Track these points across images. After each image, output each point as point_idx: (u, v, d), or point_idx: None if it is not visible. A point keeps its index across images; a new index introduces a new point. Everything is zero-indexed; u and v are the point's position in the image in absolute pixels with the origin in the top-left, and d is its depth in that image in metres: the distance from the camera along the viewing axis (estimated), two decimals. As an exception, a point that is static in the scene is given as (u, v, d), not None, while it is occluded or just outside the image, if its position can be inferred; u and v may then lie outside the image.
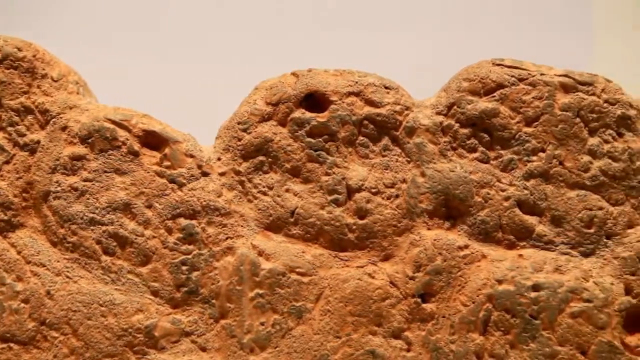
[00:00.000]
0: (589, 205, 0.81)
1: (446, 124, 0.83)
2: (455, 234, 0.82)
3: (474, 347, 0.80)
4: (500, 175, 0.82)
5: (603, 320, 0.80)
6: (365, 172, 0.82)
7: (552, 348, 0.79)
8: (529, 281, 0.80)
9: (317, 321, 0.80)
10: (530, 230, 0.82)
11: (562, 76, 0.83)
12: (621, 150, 0.82)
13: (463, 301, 0.81)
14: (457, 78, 0.84)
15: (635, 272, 0.81)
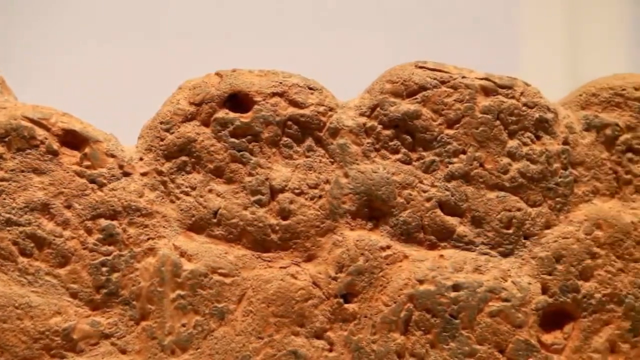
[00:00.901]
0: (508, 206, 0.74)
1: (369, 125, 0.75)
2: (378, 235, 0.74)
3: (395, 347, 0.72)
4: (422, 177, 0.75)
5: (520, 319, 0.73)
6: (288, 172, 0.74)
7: (471, 347, 0.72)
8: (449, 281, 0.73)
9: (239, 322, 0.72)
10: (451, 230, 0.74)
11: (483, 79, 0.75)
12: (539, 153, 0.75)
13: (385, 301, 0.73)
14: (380, 80, 0.76)
15: (552, 272, 0.74)
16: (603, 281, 0.72)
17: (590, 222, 0.73)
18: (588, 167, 0.74)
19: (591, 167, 0.74)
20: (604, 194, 0.74)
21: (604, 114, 0.75)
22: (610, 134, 0.74)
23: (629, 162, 0.74)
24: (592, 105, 0.75)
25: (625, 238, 0.73)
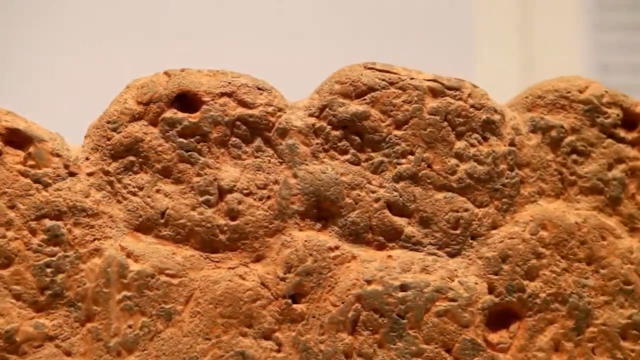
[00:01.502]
0: (456, 207, 0.70)
1: (318, 125, 0.70)
2: (327, 235, 0.69)
3: (343, 347, 0.67)
4: (371, 177, 0.70)
5: (467, 319, 0.68)
6: (237, 173, 0.68)
7: (418, 346, 0.68)
8: (397, 281, 0.68)
9: (186, 323, 0.66)
10: (399, 231, 0.69)
11: (431, 81, 0.71)
12: (486, 154, 0.70)
13: (333, 301, 0.68)
14: (329, 81, 0.70)
15: (498, 272, 0.70)
16: (548, 281, 0.68)
17: (536, 222, 0.69)
18: (534, 169, 0.70)
19: (537, 169, 0.70)
20: (549, 195, 0.70)
21: (549, 116, 0.70)
22: (556, 136, 0.70)
23: (574, 163, 0.70)
24: (538, 107, 0.71)
25: (570, 238, 0.69)
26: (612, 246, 0.69)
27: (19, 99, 0.72)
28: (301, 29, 1.06)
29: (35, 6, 1.08)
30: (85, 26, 1.01)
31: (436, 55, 1.21)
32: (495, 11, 1.44)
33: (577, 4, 1.55)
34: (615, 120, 0.70)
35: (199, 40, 1.00)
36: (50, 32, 1.06)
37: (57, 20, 1.08)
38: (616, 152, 0.70)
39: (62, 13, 1.07)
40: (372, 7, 1.14)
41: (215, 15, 1.05)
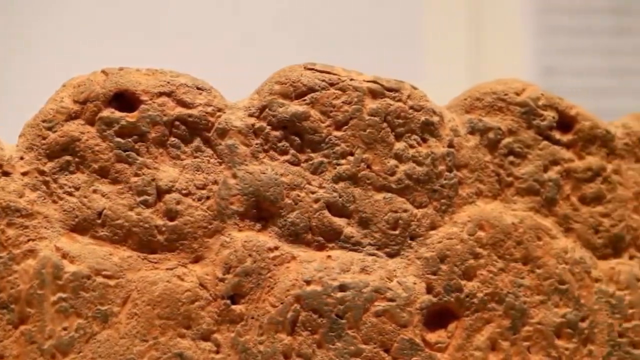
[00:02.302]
0: (395, 207, 0.69)
1: (258, 126, 0.69)
2: (266, 236, 0.68)
3: (282, 347, 0.66)
4: (311, 178, 0.69)
5: (405, 319, 0.68)
6: (176, 173, 0.67)
7: (356, 346, 0.67)
8: (336, 282, 0.67)
9: (123, 325, 0.64)
10: (338, 231, 0.68)
11: (371, 82, 0.70)
12: (425, 155, 0.70)
13: (272, 302, 0.67)
14: (269, 81, 0.69)
15: (437, 272, 0.69)
16: (485, 281, 0.68)
17: (474, 223, 0.68)
18: (472, 170, 0.70)
19: (475, 170, 0.70)
20: (486, 196, 0.70)
21: (487, 117, 0.70)
22: (493, 138, 0.70)
23: (511, 164, 0.70)
24: (476, 109, 0.71)
25: (506, 238, 0.68)
26: (548, 246, 0.69)
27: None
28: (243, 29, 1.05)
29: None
30: (17, 25, 0.98)
31: (384, 57, 1.21)
32: (443, 15, 1.45)
33: (523, 8, 1.56)
34: (551, 123, 0.70)
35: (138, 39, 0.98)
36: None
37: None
38: (552, 154, 0.70)
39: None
40: (316, 7, 1.14)
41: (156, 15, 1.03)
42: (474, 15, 1.51)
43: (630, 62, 1.68)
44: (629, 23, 1.66)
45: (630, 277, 0.69)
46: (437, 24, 1.41)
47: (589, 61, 1.66)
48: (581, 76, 1.65)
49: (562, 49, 1.65)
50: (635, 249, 0.70)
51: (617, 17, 1.66)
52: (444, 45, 1.44)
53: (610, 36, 1.66)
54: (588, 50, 1.65)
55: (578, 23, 1.65)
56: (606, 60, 1.66)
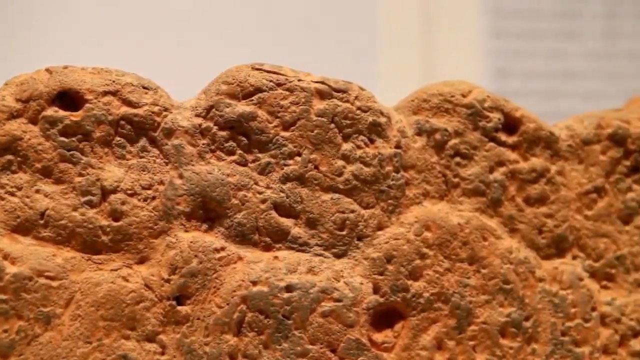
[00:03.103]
0: (342, 208, 0.69)
1: (205, 126, 0.67)
2: (213, 236, 0.67)
3: (228, 348, 0.65)
4: (258, 178, 0.68)
5: (352, 319, 0.67)
6: (121, 173, 0.65)
7: (303, 347, 0.66)
8: (283, 282, 0.67)
9: (66, 327, 0.63)
10: (286, 232, 0.67)
11: (319, 83, 0.69)
12: (372, 156, 0.70)
13: (218, 303, 0.66)
14: (216, 81, 0.68)
15: (383, 272, 0.69)
16: (431, 281, 0.68)
17: (420, 223, 0.68)
18: (419, 171, 0.69)
19: (422, 171, 0.69)
20: (433, 197, 0.69)
21: (434, 119, 0.70)
22: (440, 139, 0.69)
23: (457, 166, 0.70)
24: (423, 111, 0.70)
25: (452, 239, 0.68)
26: (493, 246, 0.69)
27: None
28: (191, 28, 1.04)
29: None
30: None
31: (338, 59, 1.21)
32: (397, 18, 1.45)
33: (475, 11, 1.57)
34: (496, 124, 0.70)
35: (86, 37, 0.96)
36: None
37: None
38: (497, 155, 0.70)
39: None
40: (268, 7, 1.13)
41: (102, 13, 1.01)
42: (427, 17, 1.52)
43: (579, 65, 1.70)
44: (578, 26, 1.68)
45: (573, 276, 0.70)
46: (390, 26, 1.41)
47: (539, 64, 1.67)
48: (532, 78, 1.67)
49: (513, 51, 1.66)
50: (578, 249, 0.71)
51: (567, 21, 1.67)
52: (397, 46, 1.44)
53: (559, 39, 1.68)
54: (538, 53, 1.67)
55: (529, 26, 1.66)
56: (556, 63, 1.68)
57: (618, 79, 1.66)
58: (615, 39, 1.69)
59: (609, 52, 1.69)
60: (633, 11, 1.69)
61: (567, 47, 1.68)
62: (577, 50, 1.68)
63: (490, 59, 1.63)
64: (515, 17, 1.66)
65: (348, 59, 1.23)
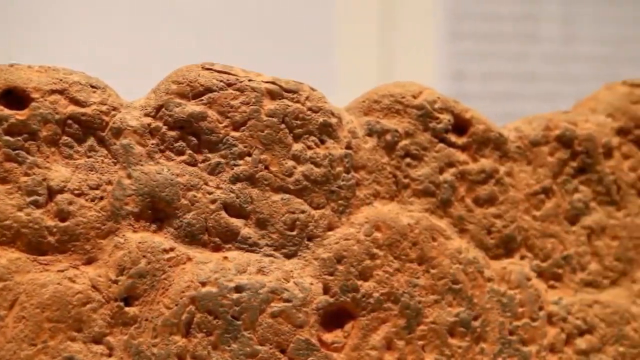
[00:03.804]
0: (292, 208, 0.69)
1: (154, 126, 0.67)
2: (162, 237, 0.66)
3: (176, 350, 0.65)
4: (208, 179, 0.67)
5: (301, 319, 0.67)
6: (68, 173, 0.65)
7: (252, 347, 0.66)
8: (232, 283, 0.66)
9: (10, 329, 0.62)
10: (235, 232, 0.67)
11: (269, 83, 0.69)
12: (323, 156, 0.70)
13: (166, 304, 0.66)
14: (166, 80, 0.67)
15: (333, 273, 0.69)
16: (381, 281, 0.68)
17: (370, 224, 0.68)
18: (369, 171, 0.69)
19: (372, 171, 0.69)
20: (383, 197, 0.70)
21: (385, 120, 0.70)
22: (391, 140, 0.70)
23: (407, 166, 0.70)
24: (374, 112, 0.70)
25: (402, 239, 0.69)
26: (442, 247, 0.69)
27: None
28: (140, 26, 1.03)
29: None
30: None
31: (296, 61, 1.21)
32: (356, 20, 1.45)
33: (433, 13, 1.58)
34: (446, 126, 0.70)
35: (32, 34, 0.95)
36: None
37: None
38: (447, 156, 0.70)
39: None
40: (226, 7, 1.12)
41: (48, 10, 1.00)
42: (387, 20, 1.52)
43: (536, 68, 1.72)
44: (536, 30, 1.70)
45: (521, 276, 0.70)
46: (349, 28, 1.41)
47: (497, 66, 1.69)
48: (490, 80, 1.69)
49: (471, 53, 1.67)
50: (526, 249, 0.71)
51: (524, 24, 1.69)
52: (357, 49, 1.45)
53: (517, 42, 1.70)
54: (496, 56, 1.68)
55: (487, 29, 1.68)
56: (514, 65, 1.70)
57: (574, 82, 1.68)
58: (572, 43, 1.71)
59: (566, 55, 1.71)
60: (589, 15, 1.72)
61: (525, 50, 1.70)
62: (535, 53, 1.70)
63: (449, 61, 1.64)
64: (474, 19, 1.67)
65: (306, 60, 1.23)
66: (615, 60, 1.66)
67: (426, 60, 1.60)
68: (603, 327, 0.70)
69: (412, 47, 1.56)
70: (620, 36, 1.66)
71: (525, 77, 1.71)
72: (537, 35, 1.70)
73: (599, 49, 1.69)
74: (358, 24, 1.41)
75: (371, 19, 1.45)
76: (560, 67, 1.71)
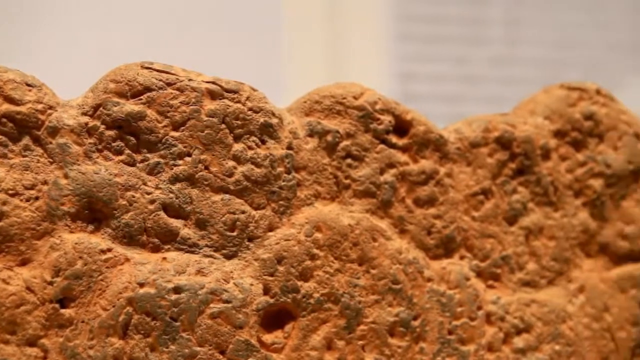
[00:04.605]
0: (233, 209, 0.68)
1: (92, 125, 0.66)
2: (99, 238, 0.65)
3: (113, 352, 0.64)
4: (147, 179, 0.66)
5: (241, 320, 0.67)
6: (2, 172, 0.63)
7: (191, 349, 0.65)
8: (171, 284, 0.65)
9: (-58, 332, 0.60)
10: (175, 233, 0.66)
11: (210, 83, 0.68)
12: (263, 157, 0.69)
13: (103, 305, 0.64)
14: (104, 79, 0.66)
15: (274, 273, 0.68)
16: (321, 281, 0.68)
17: (311, 224, 0.68)
18: (310, 172, 0.69)
19: (313, 172, 0.69)
20: (324, 198, 0.69)
21: (326, 120, 0.70)
22: (332, 140, 0.69)
23: (348, 167, 0.70)
24: (315, 112, 0.70)
25: (343, 240, 0.69)
26: (383, 247, 0.69)
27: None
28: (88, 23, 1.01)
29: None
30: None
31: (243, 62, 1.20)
32: (303, 20, 1.45)
33: (381, 15, 1.58)
34: (387, 127, 0.71)
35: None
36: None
37: None
38: (388, 157, 0.70)
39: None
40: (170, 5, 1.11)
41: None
42: (334, 21, 1.52)
43: (482, 70, 1.74)
44: (481, 32, 1.72)
45: (460, 276, 0.71)
46: (296, 29, 1.41)
47: (444, 68, 1.70)
48: (437, 82, 1.70)
49: (419, 55, 1.68)
50: (465, 249, 0.72)
51: (470, 27, 1.71)
52: (304, 50, 1.45)
53: (464, 44, 1.72)
54: (443, 58, 1.70)
55: (434, 31, 1.69)
56: (460, 67, 1.71)
57: (519, 84, 1.71)
58: (516, 45, 1.74)
59: (510, 58, 1.73)
60: (533, 19, 1.74)
61: (470, 53, 1.72)
62: (480, 55, 1.72)
63: (397, 63, 1.65)
64: (421, 21, 1.68)
65: (253, 61, 1.22)
66: (558, 63, 1.69)
67: (374, 62, 1.61)
68: (540, 325, 0.71)
69: (360, 48, 1.56)
70: (562, 40, 1.69)
71: (472, 79, 1.73)
72: (482, 38, 1.72)
73: (542, 52, 1.71)
74: (305, 25, 1.41)
75: (319, 21, 1.45)
76: (504, 70, 1.74)
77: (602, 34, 1.76)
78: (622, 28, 1.75)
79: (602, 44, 1.75)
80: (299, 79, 1.42)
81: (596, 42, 1.75)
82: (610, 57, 1.75)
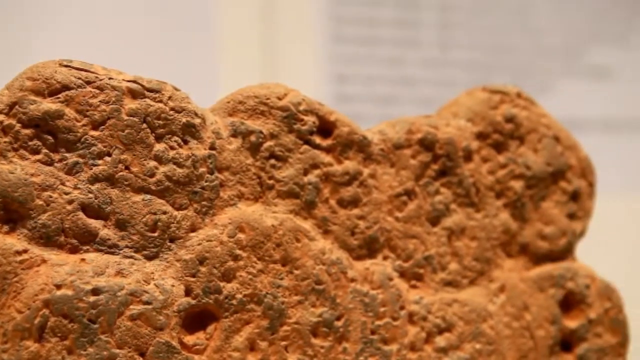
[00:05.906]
0: (154, 209, 0.67)
1: (7, 123, 0.64)
2: (14, 238, 0.63)
3: (28, 355, 0.62)
4: (65, 179, 0.65)
5: (162, 322, 0.66)
6: None
7: (110, 351, 0.64)
8: (89, 285, 0.64)
9: None
10: (94, 234, 0.64)
11: (131, 82, 0.67)
12: (185, 157, 0.68)
13: (18, 308, 0.63)
14: (20, 77, 0.64)
15: (196, 274, 0.68)
16: (244, 282, 0.67)
17: (234, 225, 0.67)
18: (234, 172, 0.69)
19: (237, 172, 0.69)
20: (248, 198, 0.69)
21: (249, 121, 0.70)
22: (255, 141, 0.69)
23: (272, 168, 0.70)
24: (239, 112, 0.70)
25: (266, 240, 0.68)
26: (306, 248, 0.69)
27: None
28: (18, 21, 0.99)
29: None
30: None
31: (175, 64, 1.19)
32: (237, 21, 1.44)
33: (315, 17, 1.58)
34: (311, 128, 0.70)
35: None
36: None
37: None
38: (312, 158, 0.70)
39: None
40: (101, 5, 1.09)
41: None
42: (268, 22, 1.52)
43: (415, 72, 1.75)
44: (415, 35, 1.74)
45: (383, 277, 0.71)
46: (229, 30, 1.40)
47: (377, 70, 1.71)
48: (371, 84, 1.71)
49: (353, 57, 1.69)
50: (388, 250, 0.72)
51: (404, 30, 1.73)
52: (237, 51, 1.44)
53: (397, 47, 1.73)
54: (377, 60, 1.71)
55: (368, 33, 1.70)
56: (394, 69, 1.73)
57: (451, 86, 1.73)
58: (449, 49, 1.76)
59: (443, 61, 1.75)
60: (465, 23, 1.77)
61: (404, 55, 1.73)
62: (414, 57, 1.74)
63: (331, 65, 1.66)
64: (355, 24, 1.69)
65: (185, 61, 1.21)
66: (489, 66, 1.72)
67: (308, 63, 1.61)
68: (461, 325, 0.72)
69: (294, 50, 1.56)
70: (494, 44, 1.72)
71: (405, 81, 1.74)
72: (415, 40, 1.74)
73: (474, 56, 1.74)
74: (239, 26, 1.40)
75: (252, 22, 1.44)
76: (437, 72, 1.76)
77: (532, 38, 1.79)
78: (552, 32, 1.79)
79: (533, 48, 1.78)
80: (232, 80, 1.41)
81: (527, 46, 1.78)
82: (541, 61, 1.78)
